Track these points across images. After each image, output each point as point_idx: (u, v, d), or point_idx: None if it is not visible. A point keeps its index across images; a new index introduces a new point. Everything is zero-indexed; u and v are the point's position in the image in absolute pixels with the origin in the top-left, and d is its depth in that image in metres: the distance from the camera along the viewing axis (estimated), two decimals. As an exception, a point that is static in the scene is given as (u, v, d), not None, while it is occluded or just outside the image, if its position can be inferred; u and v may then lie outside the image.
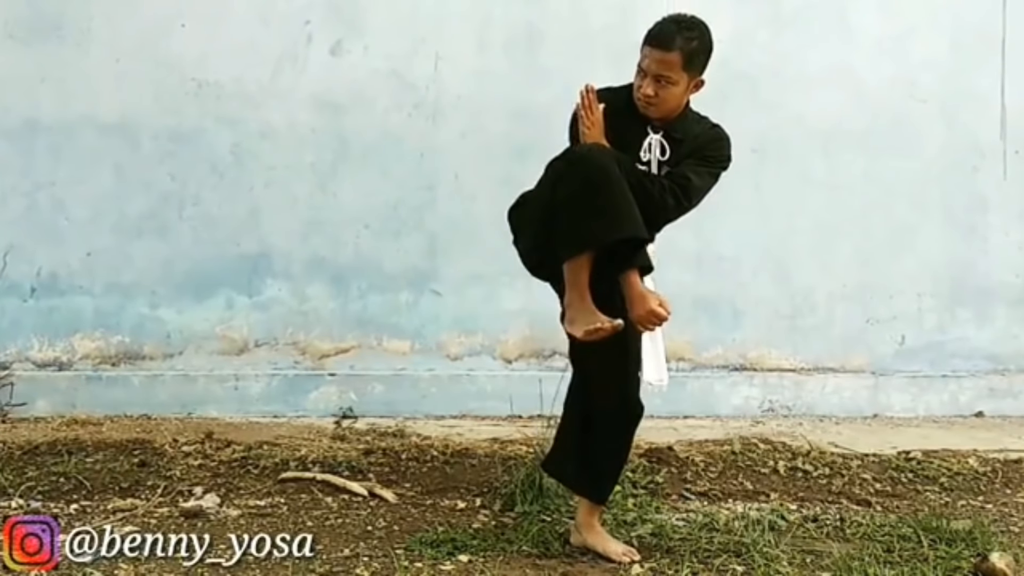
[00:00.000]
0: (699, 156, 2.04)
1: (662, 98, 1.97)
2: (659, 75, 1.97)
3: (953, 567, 2.05)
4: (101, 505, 2.39)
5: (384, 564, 2.04)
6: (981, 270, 3.52)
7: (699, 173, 2.03)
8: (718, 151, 2.07)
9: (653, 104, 1.99)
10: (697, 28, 2.00)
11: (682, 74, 1.97)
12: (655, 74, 1.97)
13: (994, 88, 3.51)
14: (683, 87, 1.98)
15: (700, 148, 2.04)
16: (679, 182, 2.01)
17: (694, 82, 2.00)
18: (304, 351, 3.36)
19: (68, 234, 3.30)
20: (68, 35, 3.29)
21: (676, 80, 1.96)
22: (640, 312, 1.95)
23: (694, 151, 2.04)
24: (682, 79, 1.97)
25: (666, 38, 1.96)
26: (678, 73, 1.96)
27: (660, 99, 1.98)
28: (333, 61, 3.35)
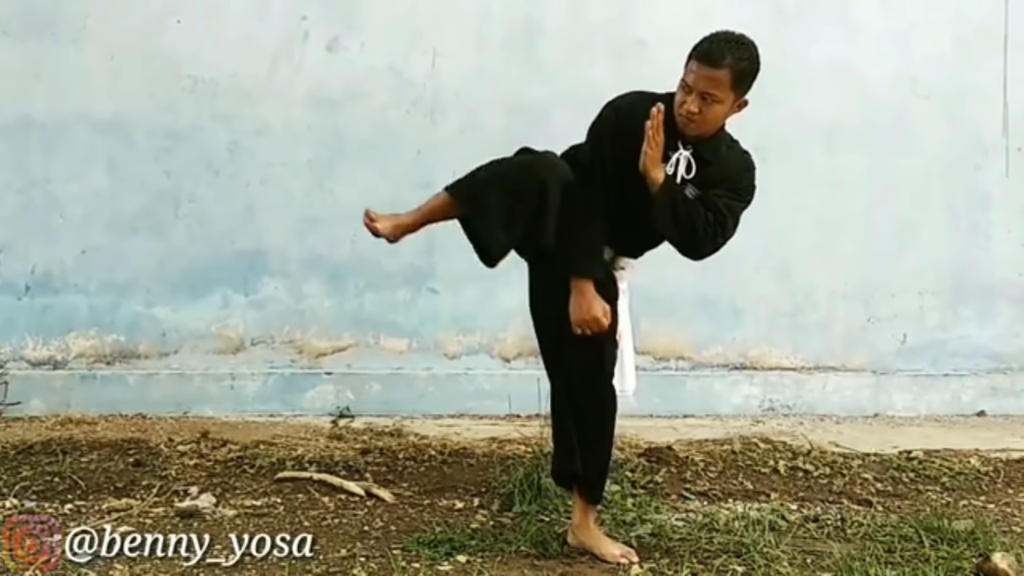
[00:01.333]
0: (731, 188, 2.01)
1: (705, 116, 1.94)
2: (706, 92, 1.92)
3: (955, 567, 2.04)
4: (96, 505, 2.39)
5: (381, 564, 2.04)
6: (983, 268, 3.50)
7: (733, 210, 2.01)
8: (747, 182, 2.05)
9: (695, 121, 1.95)
10: (747, 47, 1.96)
11: (729, 93, 1.93)
12: (702, 91, 1.93)
13: (996, 85, 3.49)
14: (728, 106, 1.95)
15: (731, 179, 2.02)
16: (720, 219, 2.00)
17: (739, 102, 1.97)
18: (301, 350, 3.35)
19: (62, 232, 3.29)
20: (62, 31, 3.28)
21: (722, 99, 1.93)
22: (581, 316, 1.98)
23: (724, 180, 2.01)
24: (728, 98, 1.94)
25: (716, 55, 1.92)
26: (725, 92, 1.92)
27: (703, 117, 1.94)
28: (330, 57, 3.33)
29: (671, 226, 1.98)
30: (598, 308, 1.98)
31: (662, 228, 2.00)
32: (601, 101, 3.63)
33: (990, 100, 3.48)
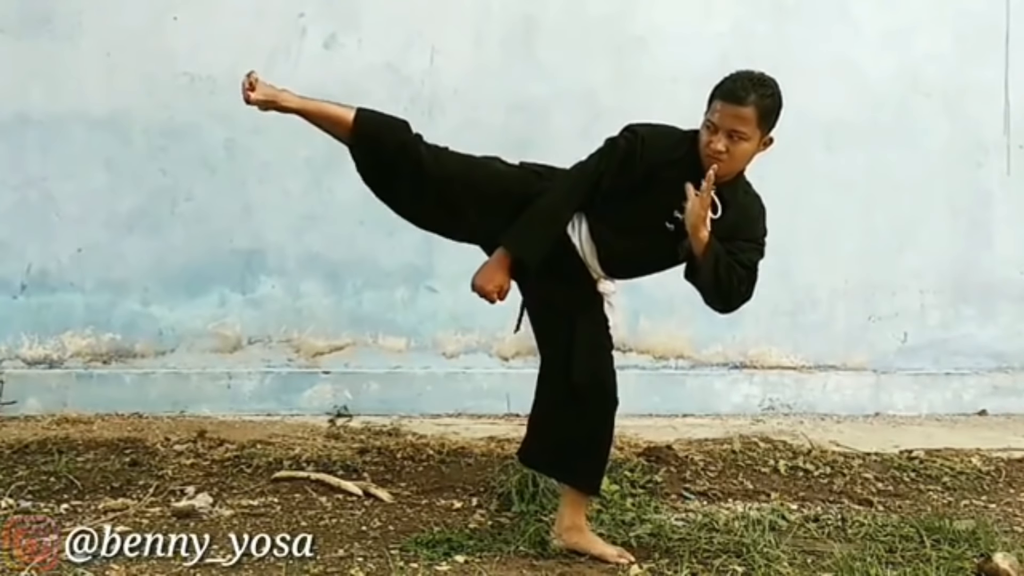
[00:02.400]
0: (750, 238, 2.02)
1: (732, 155, 1.94)
2: (733, 130, 1.93)
3: (956, 568, 2.03)
4: (92, 505, 2.38)
5: (379, 565, 2.03)
6: (985, 266, 3.49)
7: (756, 263, 2.02)
8: (763, 227, 2.05)
9: (723, 161, 1.94)
10: (770, 85, 1.97)
11: (756, 131, 1.94)
12: (729, 129, 1.93)
13: (998, 82, 3.48)
14: (755, 144, 1.96)
15: (751, 226, 2.02)
16: (751, 274, 2.02)
17: (764, 140, 1.97)
18: (298, 348, 3.34)
19: (58, 230, 3.27)
20: (58, 28, 3.26)
21: (749, 136, 1.93)
22: (477, 279, 2.05)
23: (744, 225, 2.01)
24: (755, 136, 1.94)
25: (741, 93, 1.92)
26: (752, 129, 1.93)
27: (731, 155, 1.94)
28: (327, 54, 3.32)
29: (712, 287, 2.00)
30: (496, 283, 2.01)
31: (703, 287, 2.01)
32: (600, 99, 3.62)
33: (991, 98, 3.47)
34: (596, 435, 2.09)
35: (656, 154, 1.99)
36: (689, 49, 3.30)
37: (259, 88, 2.08)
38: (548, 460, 2.16)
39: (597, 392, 2.07)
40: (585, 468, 2.09)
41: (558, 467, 2.15)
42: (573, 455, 2.08)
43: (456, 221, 2.14)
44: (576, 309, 2.09)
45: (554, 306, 2.10)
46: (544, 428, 2.14)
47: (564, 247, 2.06)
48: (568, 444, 2.08)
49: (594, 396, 2.07)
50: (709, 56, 3.27)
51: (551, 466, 2.18)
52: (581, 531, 2.11)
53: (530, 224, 2.01)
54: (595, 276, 2.11)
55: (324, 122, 2.11)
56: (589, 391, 2.06)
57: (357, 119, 2.07)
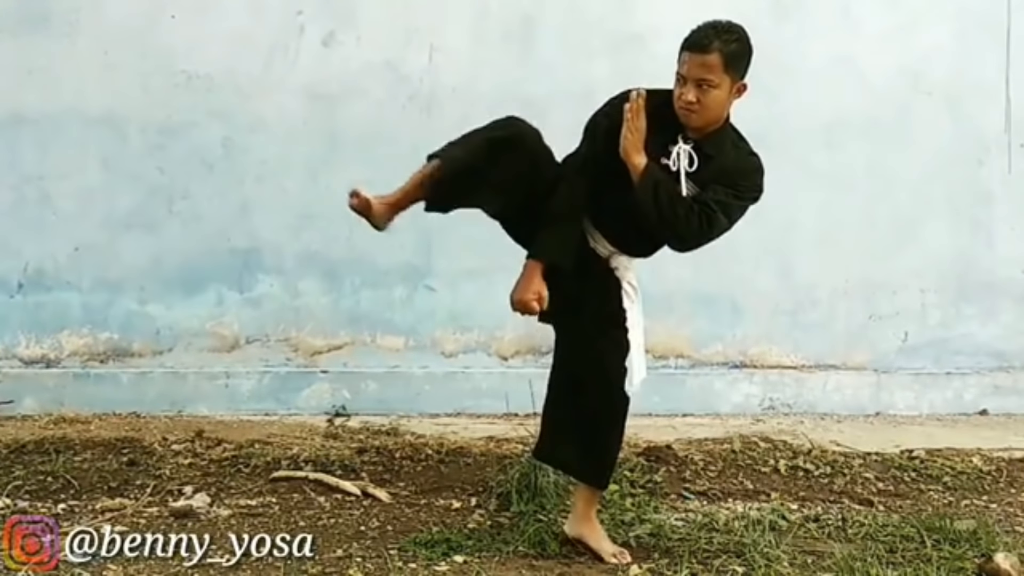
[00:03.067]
0: (731, 185, 1.99)
1: (704, 104, 1.93)
2: (700, 79, 1.92)
3: (957, 568, 2.03)
4: (89, 505, 2.38)
5: (378, 565, 2.03)
6: (986, 265, 3.48)
7: (728, 206, 1.99)
8: (751, 182, 2.02)
9: (695, 111, 1.94)
10: (735, 30, 1.97)
11: (723, 77, 1.92)
12: (696, 79, 1.92)
13: (999, 80, 3.46)
14: (725, 91, 1.94)
15: (733, 176, 1.99)
16: (708, 210, 1.98)
17: (736, 86, 1.96)
18: (296, 348, 3.33)
19: (55, 228, 3.26)
20: (55, 26, 3.24)
21: (717, 83, 1.92)
22: (514, 295, 2.02)
23: (725, 176, 1.99)
24: (724, 82, 1.93)
25: (705, 41, 1.93)
26: (719, 75, 1.92)
27: (702, 105, 1.93)
28: (325, 52, 3.31)
29: (652, 211, 1.96)
30: (534, 291, 1.99)
31: (643, 214, 1.97)
32: (600, 97, 3.59)
33: (992, 96, 3.45)
34: (602, 431, 2.08)
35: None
36: (689, 46, 3.28)
37: (376, 205, 2.04)
38: (556, 455, 2.16)
39: (603, 388, 2.05)
40: (592, 464, 2.09)
41: (566, 462, 2.15)
42: (580, 451, 2.08)
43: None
44: (586, 300, 2.07)
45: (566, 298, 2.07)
46: (552, 423, 2.14)
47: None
48: (575, 440, 2.08)
49: (601, 392, 2.05)
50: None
51: (559, 461, 2.18)
52: (588, 522, 2.11)
53: (551, 229, 2.01)
54: (605, 253, 2.08)
55: (413, 192, 2.06)
56: (595, 387, 2.05)
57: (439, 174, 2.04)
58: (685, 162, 1.97)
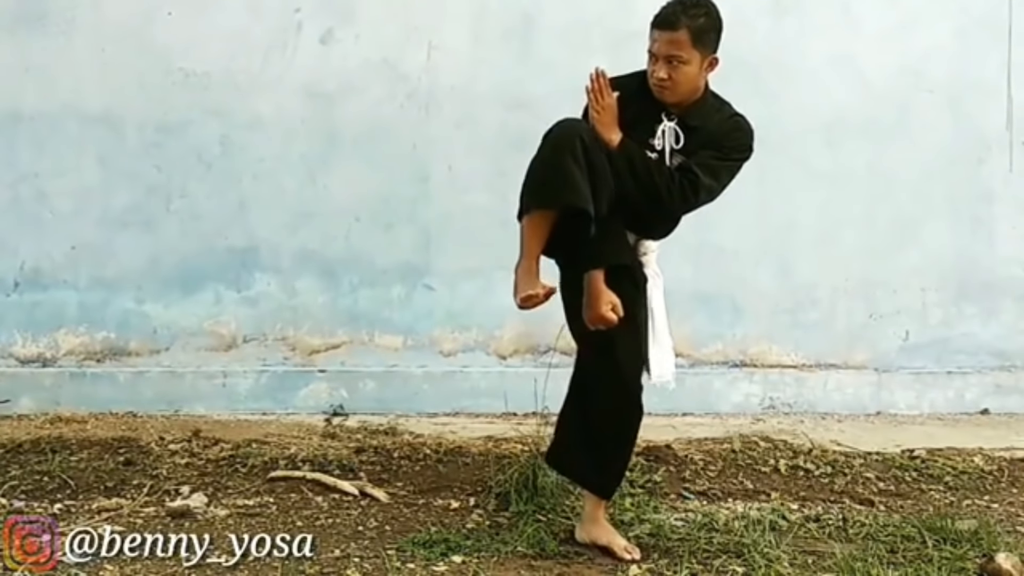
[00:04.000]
0: (715, 147, 2.00)
1: (676, 80, 1.96)
2: (670, 56, 1.95)
3: (958, 568, 2.02)
4: (86, 505, 2.37)
5: (376, 565, 2.02)
6: (987, 264, 3.46)
7: (712, 168, 1.99)
8: (736, 141, 2.03)
9: (668, 88, 1.97)
10: (703, 5, 1.99)
11: (693, 52, 1.95)
12: (665, 55, 1.96)
13: (1000, 78, 3.45)
14: (696, 66, 1.96)
15: (717, 139, 2.01)
16: (688, 176, 1.98)
17: (707, 61, 1.98)
18: (294, 347, 3.32)
19: (52, 227, 3.26)
20: (52, 24, 3.24)
21: (687, 59, 1.95)
22: (589, 314, 1.98)
23: (710, 141, 2.01)
24: (694, 57, 1.95)
25: (672, 18, 1.96)
26: (688, 51, 1.95)
27: (674, 81, 1.96)
28: (323, 50, 3.29)
29: (630, 184, 1.96)
30: (606, 303, 1.96)
31: (623, 189, 1.97)
32: (598, 94, 3.54)
33: (994, 94, 3.43)
34: (609, 440, 2.07)
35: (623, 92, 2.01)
36: (688, 44, 3.27)
37: (539, 289, 1.99)
38: (564, 461, 2.16)
39: (613, 395, 2.04)
40: (597, 473, 2.08)
41: (571, 469, 2.15)
42: (586, 458, 2.07)
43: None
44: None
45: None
46: (562, 427, 2.14)
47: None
48: (582, 446, 2.07)
49: (611, 399, 2.04)
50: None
51: (566, 468, 2.18)
52: (596, 523, 2.11)
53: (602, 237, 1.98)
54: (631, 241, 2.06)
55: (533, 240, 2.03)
56: (606, 394, 2.04)
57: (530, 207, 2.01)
58: (671, 139, 1.99)
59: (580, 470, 2.12)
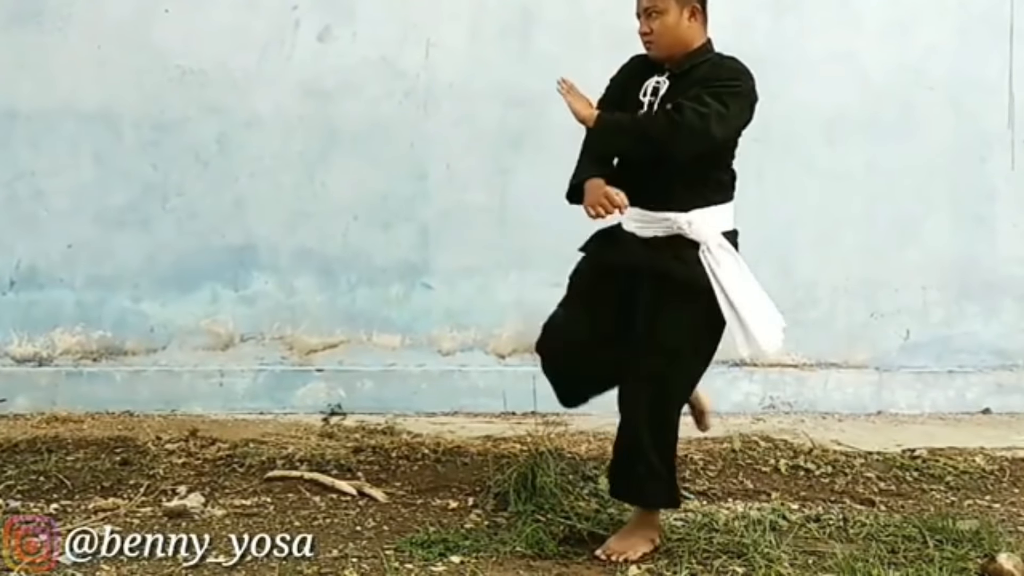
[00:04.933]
0: (702, 84, 2.01)
1: (657, 32, 2.03)
2: (647, 8, 2.04)
3: (960, 568, 2.01)
4: (82, 505, 2.37)
5: (374, 565, 2.02)
6: (988, 263, 3.44)
7: (699, 97, 1.98)
8: (723, 75, 2.02)
9: (652, 41, 2.05)
10: None
11: (669, 2, 2.02)
12: (644, 9, 2.05)
13: (1002, 76, 3.43)
14: (675, 15, 2.03)
15: (708, 79, 2.02)
16: (677, 110, 1.98)
17: (688, 9, 2.03)
18: (291, 346, 3.31)
19: (48, 225, 3.24)
20: (48, 21, 3.22)
21: (664, 8, 2.02)
22: (589, 199, 1.99)
23: (697, 82, 2.02)
24: (670, 6, 2.02)
25: None
26: (664, 1, 2.02)
27: (656, 34, 2.04)
28: (321, 47, 3.28)
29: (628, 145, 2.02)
30: (598, 195, 1.97)
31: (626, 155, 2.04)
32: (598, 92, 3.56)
33: (995, 91, 3.41)
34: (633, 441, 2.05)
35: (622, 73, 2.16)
36: (688, 42, 3.26)
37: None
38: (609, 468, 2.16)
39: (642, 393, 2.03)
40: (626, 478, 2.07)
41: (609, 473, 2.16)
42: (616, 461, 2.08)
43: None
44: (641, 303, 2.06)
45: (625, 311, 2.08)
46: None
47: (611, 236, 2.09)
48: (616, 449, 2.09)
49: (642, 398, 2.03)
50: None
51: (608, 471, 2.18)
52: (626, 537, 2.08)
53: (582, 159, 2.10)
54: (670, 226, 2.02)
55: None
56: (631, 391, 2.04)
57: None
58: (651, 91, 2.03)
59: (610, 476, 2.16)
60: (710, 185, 2.05)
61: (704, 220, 2.03)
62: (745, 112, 2.02)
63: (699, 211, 2.03)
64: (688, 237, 2.02)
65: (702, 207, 2.04)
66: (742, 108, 2.01)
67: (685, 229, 2.02)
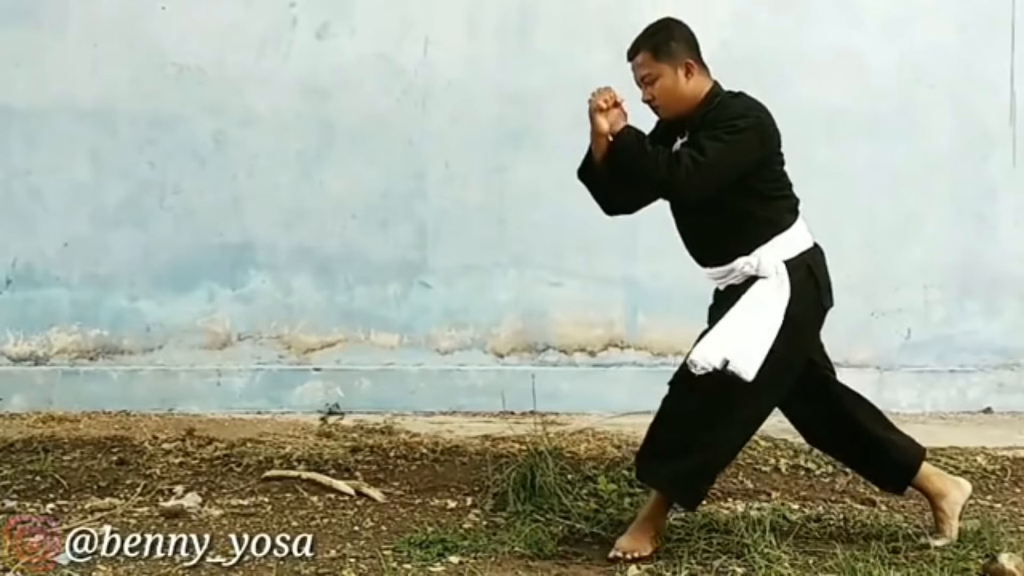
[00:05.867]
0: (711, 128, 2.03)
1: (659, 97, 2.07)
2: (643, 78, 2.07)
3: (961, 568, 1.99)
4: (78, 504, 2.36)
5: (372, 565, 2.01)
6: (990, 261, 3.43)
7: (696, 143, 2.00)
8: (725, 116, 2.03)
9: (658, 106, 2.09)
10: (656, 24, 2.11)
11: (659, 66, 2.05)
12: (640, 79, 2.09)
13: (1003, 73, 3.41)
14: (670, 77, 2.05)
15: (713, 122, 2.04)
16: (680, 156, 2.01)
17: (681, 67, 2.05)
18: (289, 345, 3.30)
19: (44, 224, 3.24)
20: (44, 18, 3.22)
21: (656, 74, 2.05)
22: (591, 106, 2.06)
23: (707, 126, 2.04)
24: (662, 71, 2.05)
25: (631, 50, 2.10)
26: (654, 67, 2.05)
27: (659, 99, 2.07)
28: (319, 44, 3.27)
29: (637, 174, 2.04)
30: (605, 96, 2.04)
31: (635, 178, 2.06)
32: (596, 89, 3.50)
33: (997, 88, 3.40)
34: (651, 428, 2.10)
35: (656, 130, 2.17)
36: (688, 38, 3.24)
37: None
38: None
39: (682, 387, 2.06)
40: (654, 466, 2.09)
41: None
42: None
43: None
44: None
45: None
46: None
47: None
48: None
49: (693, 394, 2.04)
50: (709, 45, 3.16)
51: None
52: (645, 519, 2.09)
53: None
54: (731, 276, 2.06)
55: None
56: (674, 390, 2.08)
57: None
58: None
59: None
60: (761, 222, 2.06)
61: (771, 253, 2.04)
62: (752, 146, 2.01)
63: (763, 247, 2.04)
64: (759, 276, 2.04)
65: (764, 243, 2.05)
66: (746, 143, 2.00)
67: (749, 271, 2.05)
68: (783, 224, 2.08)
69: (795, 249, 2.07)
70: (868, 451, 2.17)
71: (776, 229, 2.06)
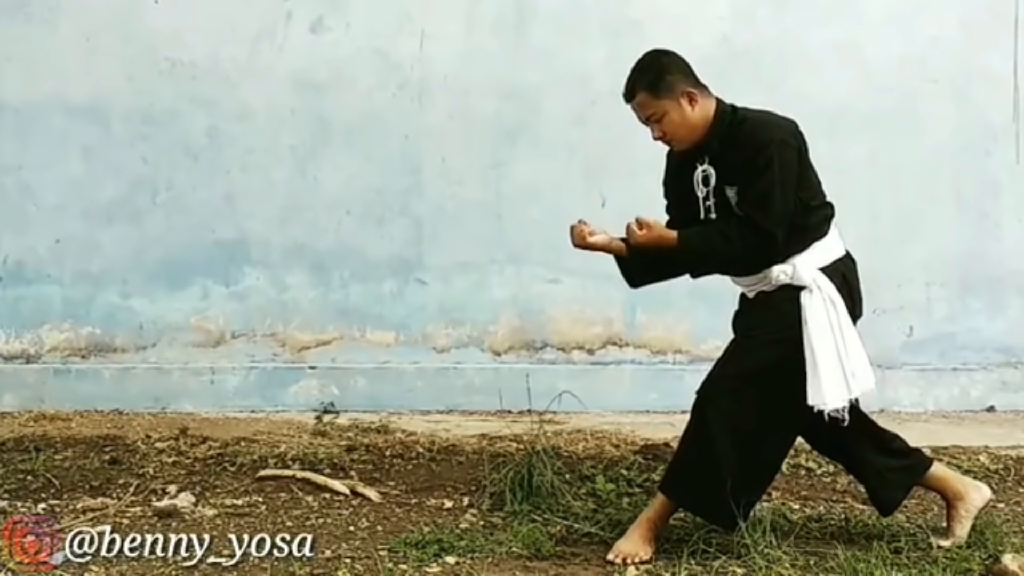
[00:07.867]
0: (744, 170, 2.00)
1: (669, 132, 2.05)
2: (648, 118, 2.05)
3: (963, 569, 1.98)
4: (70, 504, 2.35)
5: (367, 566, 2.00)
6: (993, 258, 3.40)
7: (761, 196, 1.98)
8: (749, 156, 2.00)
9: (668, 141, 2.08)
10: (645, 60, 2.07)
11: (660, 104, 2.02)
12: (645, 119, 2.07)
13: (1006, 68, 3.39)
14: (675, 111, 2.03)
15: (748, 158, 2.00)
16: (747, 223, 2.00)
17: (684, 98, 2.02)
18: (283, 343, 3.29)
19: (35, 220, 3.23)
20: (35, 12, 3.21)
21: (661, 112, 2.03)
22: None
23: (743, 164, 2.01)
24: (665, 106, 2.02)
25: (628, 92, 2.07)
26: (656, 106, 2.03)
27: (669, 134, 2.06)
28: (313, 39, 3.26)
29: (702, 261, 2.11)
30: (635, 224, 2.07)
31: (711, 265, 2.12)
32: (595, 84, 3.52)
33: (1000, 83, 3.37)
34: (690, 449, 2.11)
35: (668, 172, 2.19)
36: (688, 33, 3.21)
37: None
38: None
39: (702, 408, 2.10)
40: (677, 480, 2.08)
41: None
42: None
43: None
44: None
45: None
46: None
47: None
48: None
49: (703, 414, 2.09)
50: (708, 40, 3.18)
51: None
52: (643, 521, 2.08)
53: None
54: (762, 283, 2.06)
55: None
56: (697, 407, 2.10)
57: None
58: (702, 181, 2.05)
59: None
60: (800, 229, 2.04)
61: (804, 262, 2.03)
62: (792, 165, 2.00)
63: (798, 256, 2.03)
64: (793, 284, 2.03)
65: (799, 251, 2.03)
66: (785, 169, 1.98)
67: (784, 279, 2.03)
68: (820, 232, 2.07)
69: (830, 256, 2.07)
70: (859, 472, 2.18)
71: (814, 237, 2.05)
